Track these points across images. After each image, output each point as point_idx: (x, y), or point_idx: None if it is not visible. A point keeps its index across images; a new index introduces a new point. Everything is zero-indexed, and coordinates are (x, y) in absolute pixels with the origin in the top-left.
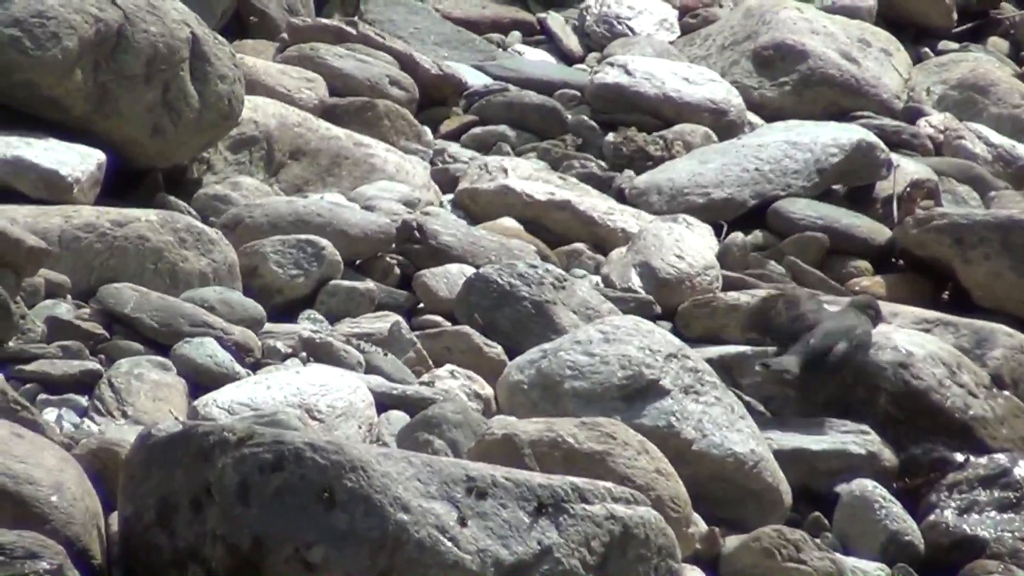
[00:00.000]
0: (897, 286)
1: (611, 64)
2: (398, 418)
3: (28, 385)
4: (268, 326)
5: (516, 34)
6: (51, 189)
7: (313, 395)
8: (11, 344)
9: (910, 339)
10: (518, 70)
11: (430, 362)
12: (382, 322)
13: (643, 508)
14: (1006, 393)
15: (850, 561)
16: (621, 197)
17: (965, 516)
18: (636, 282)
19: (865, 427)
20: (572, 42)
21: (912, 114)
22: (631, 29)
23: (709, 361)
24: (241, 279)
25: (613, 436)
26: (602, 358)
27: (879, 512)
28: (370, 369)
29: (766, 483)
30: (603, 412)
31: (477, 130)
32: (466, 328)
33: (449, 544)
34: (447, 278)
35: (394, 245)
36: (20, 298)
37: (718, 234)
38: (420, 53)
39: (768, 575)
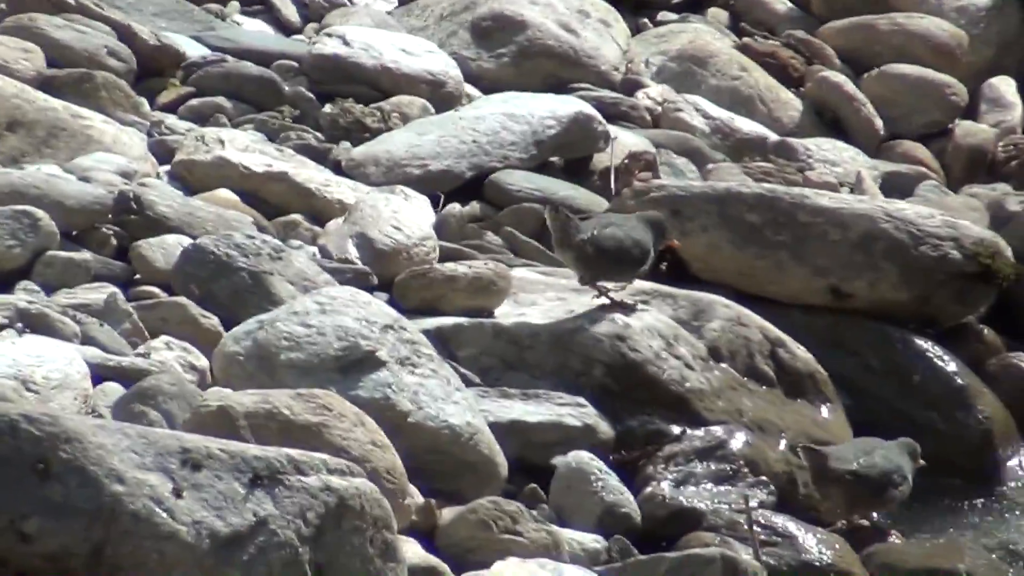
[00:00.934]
0: None
1: (329, 35)
2: (114, 389)
3: None
4: None
5: (235, 4)
6: None
7: (29, 366)
8: None
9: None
10: (236, 41)
11: (146, 333)
12: (98, 293)
13: (359, 480)
14: (723, 365)
15: (567, 533)
16: (338, 169)
17: (682, 488)
18: (353, 253)
19: (581, 399)
20: (290, 12)
21: (630, 86)
22: None
23: (426, 333)
24: None
25: (329, 408)
26: (318, 329)
27: (595, 484)
28: (86, 340)
29: (482, 455)
30: (319, 384)
31: (194, 101)
32: (182, 299)
33: (164, 516)
34: (164, 249)
35: (111, 216)
36: None
37: (435, 205)
38: (138, 24)
39: (484, 547)
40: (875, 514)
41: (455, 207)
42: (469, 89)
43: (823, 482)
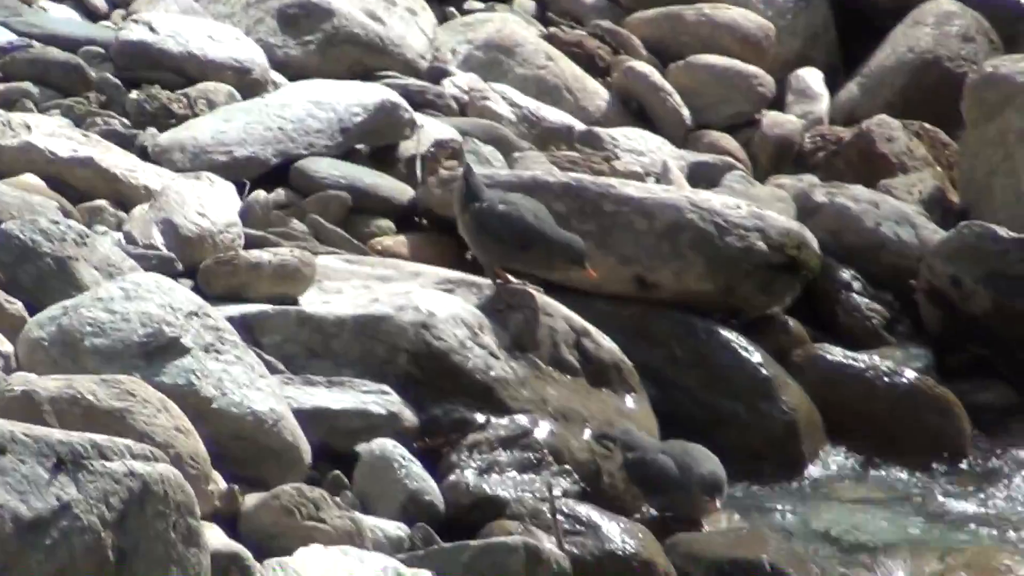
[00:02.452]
0: (420, 246)
1: (136, 21)
2: None
3: None
4: None
5: None
6: None
7: None
8: None
9: (432, 299)
10: (42, 26)
11: None
12: None
13: (162, 465)
14: (528, 354)
15: (370, 520)
16: (145, 155)
17: (485, 477)
18: (158, 239)
19: (386, 387)
20: None
21: (437, 74)
22: None
23: (230, 319)
24: None
25: (133, 393)
26: (123, 315)
27: (399, 472)
28: None
29: (286, 442)
30: (123, 369)
31: (0, 87)
32: None
33: None
34: None
35: None
36: None
37: (241, 192)
38: None
39: (287, 533)
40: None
41: (260, 194)
42: (275, 76)
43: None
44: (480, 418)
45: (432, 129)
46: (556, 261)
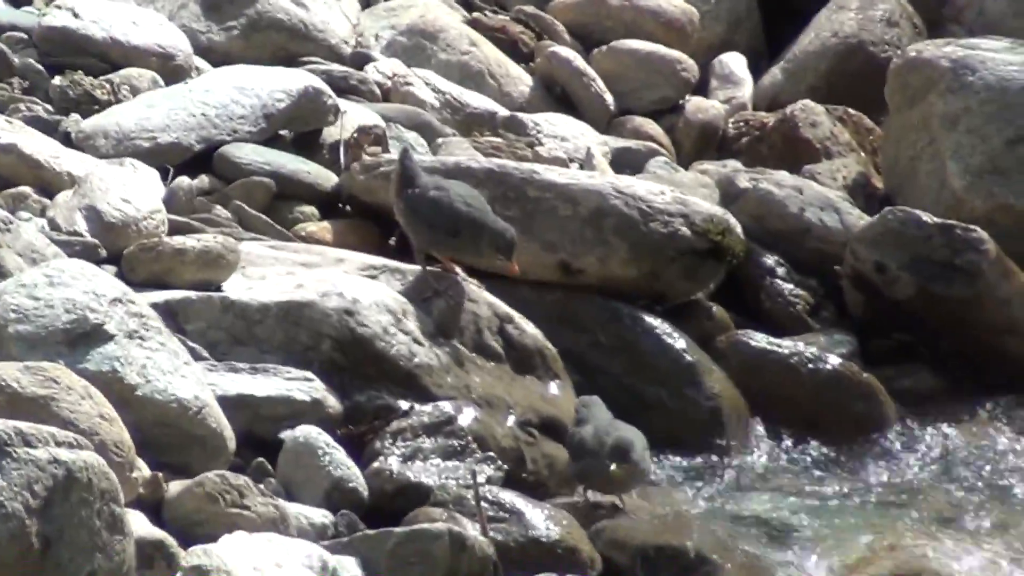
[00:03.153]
0: (344, 232)
1: (59, 7)
2: None
3: None
4: None
5: None
6: None
7: None
8: None
9: (356, 285)
10: None
11: None
12: None
13: (86, 452)
14: (452, 341)
15: (294, 507)
16: (68, 141)
17: (409, 463)
18: (82, 226)
19: (309, 374)
20: None
21: (360, 60)
22: None
23: (154, 306)
24: None
25: (57, 381)
26: (47, 302)
27: (323, 459)
28: None
29: (210, 429)
30: (47, 356)
31: None
32: None
33: None
34: None
35: None
36: None
37: (164, 178)
38: None
39: (211, 520)
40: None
41: (184, 180)
42: (199, 62)
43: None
44: (404, 405)
45: (356, 115)
46: (485, 249)
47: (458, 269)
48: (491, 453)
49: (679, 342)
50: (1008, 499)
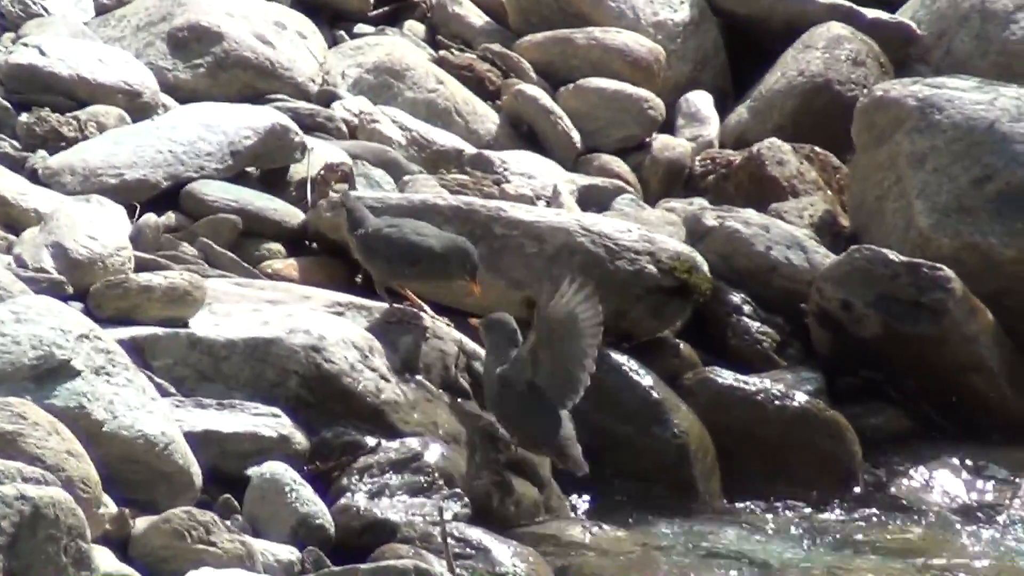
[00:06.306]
0: (311, 269)
1: (25, 44)
2: None
3: None
4: None
5: None
6: None
7: None
8: None
9: (323, 322)
10: None
11: None
12: None
13: (53, 488)
14: (419, 378)
15: (260, 544)
16: (35, 177)
17: (376, 500)
18: (49, 262)
19: (277, 410)
20: None
21: (327, 97)
22: (46, 9)
23: (121, 342)
24: None
25: (24, 416)
26: (13, 338)
27: (289, 495)
28: None
29: (177, 465)
30: (14, 392)
31: None
32: None
33: None
34: None
35: None
36: None
37: (131, 215)
38: None
39: (178, 556)
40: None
41: (151, 217)
42: (165, 99)
43: None
44: (371, 441)
45: (322, 152)
46: (452, 268)
47: (424, 306)
48: (458, 490)
49: (646, 379)
50: (972, 537)
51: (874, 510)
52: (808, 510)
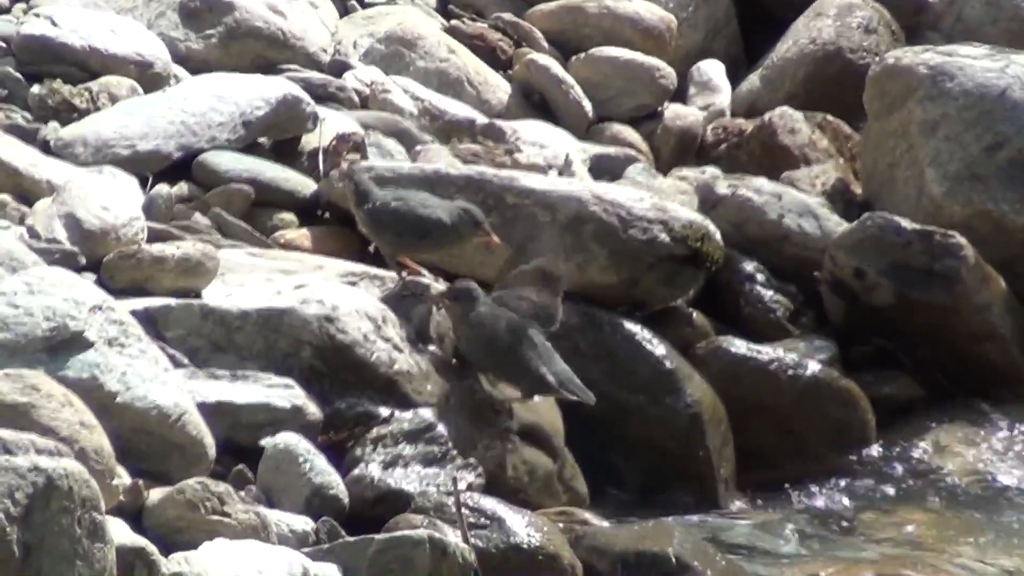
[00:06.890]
0: (323, 239)
1: (37, 15)
2: None
3: None
4: None
5: None
6: None
7: None
8: None
9: (336, 292)
10: None
11: None
12: None
13: (67, 460)
14: (432, 348)
15: (274, 514)
16: (47, 149)
17: (390, 470)
18: (61, 233)
19: (290, 381)
20: None
21: (339, 68)
22: None
23: (134, 313)
24: None
25: (37, 388)
26: (26, 310)
27: (303, 466)
28: None
29: (190, 436)
30: (27, 364)
31: None
32: None
33: None
34: None
35: None
36: None
37: (144, 186)
38: None
39: (192, 528)
40: None
41: (163, 188)
42: (177, 70)
43: None
44: (384, 412)
45: (334, 122)
46: (463, 231)
47: (424, 271)
48: (471, 460)
49: (659, 349)
50: (987, 507)
51: (888, 479)
52: (821, 479)
